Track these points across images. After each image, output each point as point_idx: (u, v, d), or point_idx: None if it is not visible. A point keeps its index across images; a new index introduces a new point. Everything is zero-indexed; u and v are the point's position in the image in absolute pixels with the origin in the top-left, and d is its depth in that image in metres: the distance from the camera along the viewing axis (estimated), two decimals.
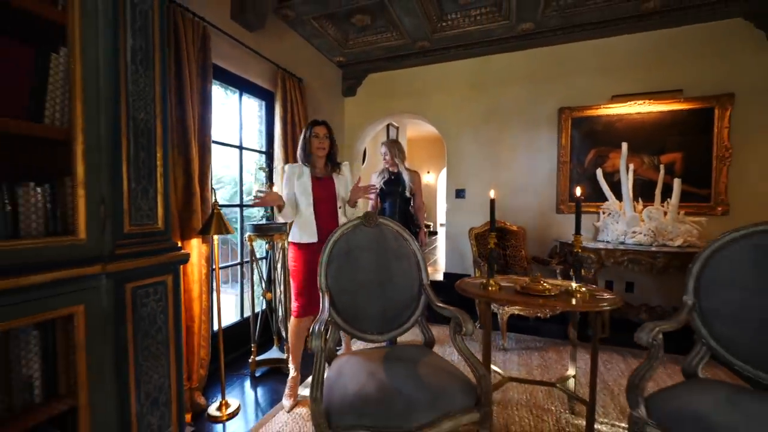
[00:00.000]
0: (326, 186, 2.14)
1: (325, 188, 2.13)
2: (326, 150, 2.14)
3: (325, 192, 2.13)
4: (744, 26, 2.89)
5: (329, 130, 2.17)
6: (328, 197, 2.13)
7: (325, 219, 2.09)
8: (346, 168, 2.27)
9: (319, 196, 2.10)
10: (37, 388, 1.21)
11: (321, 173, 2.16)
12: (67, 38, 1.24)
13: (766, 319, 1.22)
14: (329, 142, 2.16)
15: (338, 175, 2.20)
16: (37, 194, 1.23)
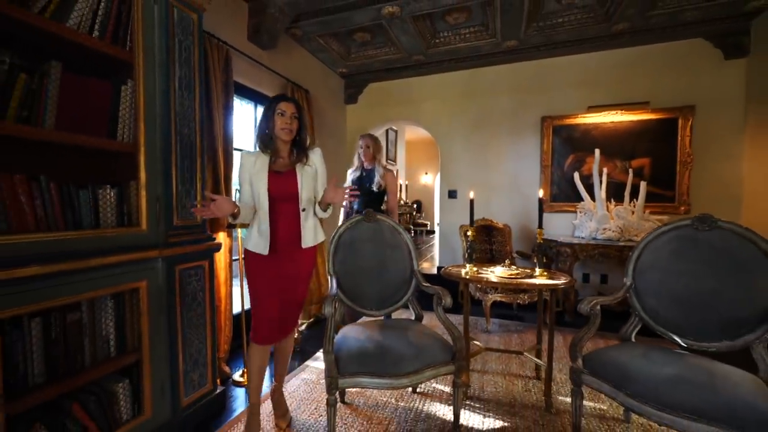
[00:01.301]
0: (287, 182, 1.68)
1: (285, 184, 1.67)
2: (293, 133, 1.69)
3: (286, 190, 1.67)
4: (704, 45, 3.24)
5: (299, 110, 1.72)
6: (289, 196, 1.68)
7: (283, 225, 1.68)
8: (316, 156, 1.77)
9: (277, 195, 1.66)
10: (113, 344, 1.56)
11: (283, 165, 1.72)
12: (133, 73, 1.60)
13: (675, 294, 1.57)
14: (298, 124, 1.71)
15: (304, 166, 1.72)
16: (112, 194, 1.58)
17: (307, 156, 1.75)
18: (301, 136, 1.76)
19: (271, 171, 1.70)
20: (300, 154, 1.74)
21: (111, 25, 1.55)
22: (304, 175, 1.72)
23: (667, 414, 1.21)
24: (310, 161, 1.75)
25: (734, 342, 1.42)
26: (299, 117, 1.73)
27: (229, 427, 1.80)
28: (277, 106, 1.68)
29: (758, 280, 1.38)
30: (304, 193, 1.70)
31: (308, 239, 1.74)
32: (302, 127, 1.75)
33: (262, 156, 1.71)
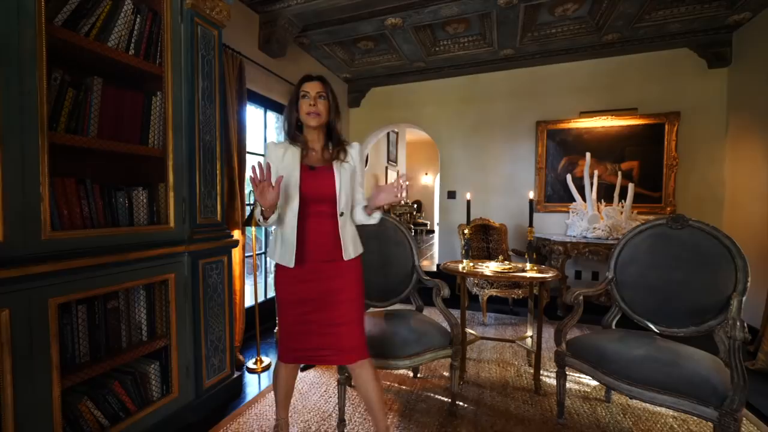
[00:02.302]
0: (323, 180, 1.41)
1: (321, 183, 1.41)
2: (321, 117, 1.41)
3: (321, 189, 1.40)
4: (689, 55, 3.42)
5: (326, 88, 1.44)
6: (324, 197, 1.41)
7: (314, 232, 1.41)
8: (354, 150, 1.50)
9: (311, 195, 1.40)
10: (144, 330, 1.74)
11: (317, 160, 1.46)
12: (163, 85, 1.78)
13: (650, 286, 1.75)
14: (327, 104, 1.43)
15: (342, 162, 1.44)
16: (143, 195, 1.75)
17: (345, 150, 1.47)
18: (332, 120, 1.46)
19: (304, 166, 1.42)
20: (337, 148, 1.46)
21: (144, 42, 1.73)
22: (342, 173, 1.42)
23: (636, 387, 1.39)
24: (348, 157, 1.47)
25: (699, 327, 1.60)
26: (328, 97, 1.43)
27: (245, 410, 1.97)
28: (301, 88, 1.43)
29: (720, 273, 1.56)
30: (342, 194, 1.41)
31: (349, 250, 1.43)
32: (333, 110, 1.46)
33: (292, 148, 1.45)
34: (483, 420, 1.82)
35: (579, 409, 1.91)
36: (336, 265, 1.44)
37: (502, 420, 1.81)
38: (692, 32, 3.27)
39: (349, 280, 1.46)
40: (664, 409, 1.89)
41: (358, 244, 1.52)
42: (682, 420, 1.82)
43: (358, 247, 1.51)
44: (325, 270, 1.43)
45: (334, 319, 1.42)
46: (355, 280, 1.48)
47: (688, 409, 1.31)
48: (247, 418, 1.87)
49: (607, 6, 2.95)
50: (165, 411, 1.75)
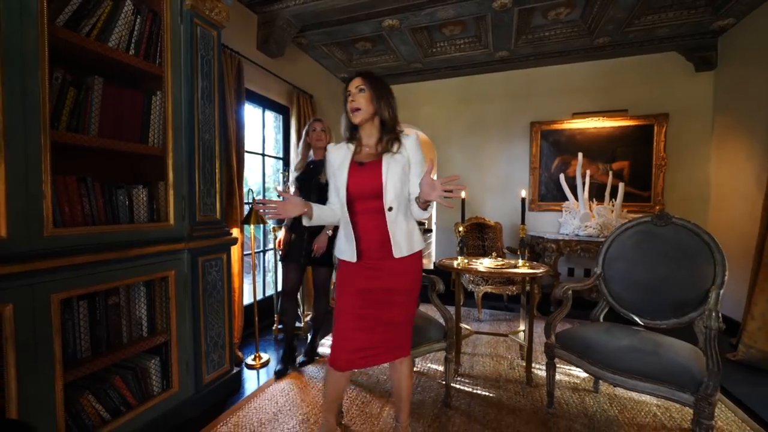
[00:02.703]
0: (370, 175, 1.38)
1: (367, 178, 1.38)
2: (363, 111, 1.38)
3: (367, 184, 1.38)
4: (677, 59, 3.52)
5: (366, 80, 1.40)
6: (371, 193, 1.37)
7: (366, 229, 1.40)
8: (410, 142, 1.41)
9: (356, 191, 1.39)
10: (145, 326, 1.77)
11: (368, 155, 1.43)
12: (162, 85, 1.81)
13: (636, 280, 1.82)
14: (369, 96, 1.38)
15: (394, 155, 1.38)
16: (143, 193, 1.78)
17: (400, 142, 1.40)
18: (383, 115, 1.40)
19: (354, 162, 1.42)
20: (389, 140, 1.39)
21: (144, 43, 1.76)
22: (391, 165, 1.36)
23: (619, 376, 1.46)
24: (402, 149, 1.39)
25: (681, 319, 1.67)
26: (373, 89, 1.38)
27: (244, 404, 2.01)
28: (348, 87, 1.43)
29: (700, 268, 1.63)
30: (390, 189, 1.35)
31: (401, 247, 1.37)
32: (377, 101, 1.38)
33: (348, 147, 1.47)
34: (476, 411, 1.87)
35: (568, 399, 1.97)
36: (389, 263, 1.39)
37: (494, 410, 1.87)
38: (680, 37, 3.36)
39: (404, 280, 1.41)
40: (648, 398, 1.97)
41: (416, 240, 1.43)
42: (665, 408, 1.89)
43: (414, 244, 1.41)
44: (380, 267, 1.40)
45: (387, 318, 1.40)
46: (411, 280, 1.43)
47: (667, 395, 1.38)
48: (246, 412, 1.91)
49: (598, 10, 3.03)
50: (165, 405, 1.79)
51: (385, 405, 1.95)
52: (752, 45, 2.96)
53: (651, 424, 1.77)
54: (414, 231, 1.44)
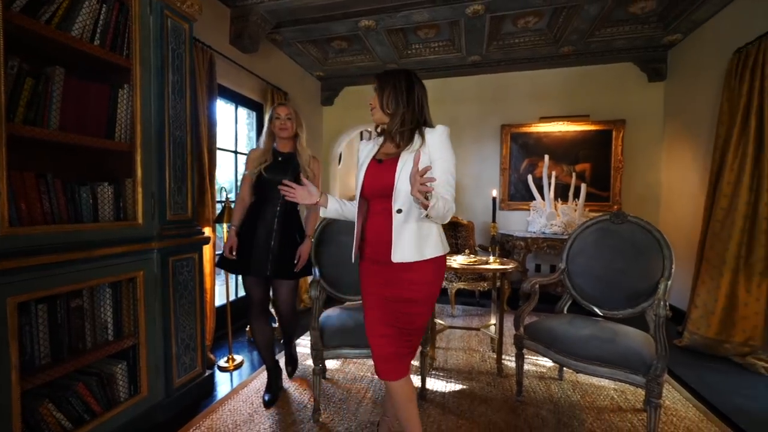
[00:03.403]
0: (384, 173, 1.29)
1: (381, 176, 1.30)
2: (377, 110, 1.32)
3: (380, 183, 1.30)
4: (633, 69, 3.79)
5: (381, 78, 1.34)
6: (382, 191, 1.29)
7: (376, 230, 1.32)
8: (434, 137, 1.27)
9: (370, 190, 1.33)
10: (110, 329, 1.70)
11: (387, 152, 1.35)
12: (130, 78, 1.74)
13: (595, 274, 1.96)
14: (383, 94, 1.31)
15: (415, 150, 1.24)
16: (109, 191, 1.71)
17: (422, 138, 1.26)
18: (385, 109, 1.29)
19: (373, 159, 1.35)
20: (403, 133, 1.28)
21: (110, 33, 1.68)
22: (407, 163, 1.23)
23: (581, 363, 1.58)
24: (424, 145, 1.25)
25: (635, 309, 1.82)
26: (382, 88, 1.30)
27: (218, 406, 1.96)
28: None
29: (652, 261, 1.78)
30: (401, 189, 1.23)
31: (403, 251, 1.24)
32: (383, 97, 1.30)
33: (377, 141, 1.41)
34: (450, 402, 1.94)
35: (536, 388, 2.09)
36: (392, 268, 1.27)
37: (467, 401, 1.95)
38: (635, 49, 3.62)
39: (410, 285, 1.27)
40: (606, 382, 2.12)
41: (431, 247, 1.26)
42: (621, 391, 2.06)
43: (426, 250, 1.25)
44: (383, 271, 1.30)
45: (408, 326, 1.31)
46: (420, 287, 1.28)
47: (623, 378, 1.50)
48: (220, 414, 1.87)
49: (563, 21, 3.20)
50: (133, 411, 1.72)
51: (361, 402, 1.98)
52: (696, 59, 3.24)
53: (609, 406, 1.92)
54: (429, 237, 1.27)
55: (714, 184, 2.71)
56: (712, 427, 1.73)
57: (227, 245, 1.98)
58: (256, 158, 1.98)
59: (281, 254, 1.94)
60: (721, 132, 2.68)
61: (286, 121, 1.98)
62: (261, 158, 1.96)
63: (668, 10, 3.05)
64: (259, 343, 2.05)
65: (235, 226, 2.01)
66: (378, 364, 1.32)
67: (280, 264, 1.93)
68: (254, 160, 1.98)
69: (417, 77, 1.38)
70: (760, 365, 2.30)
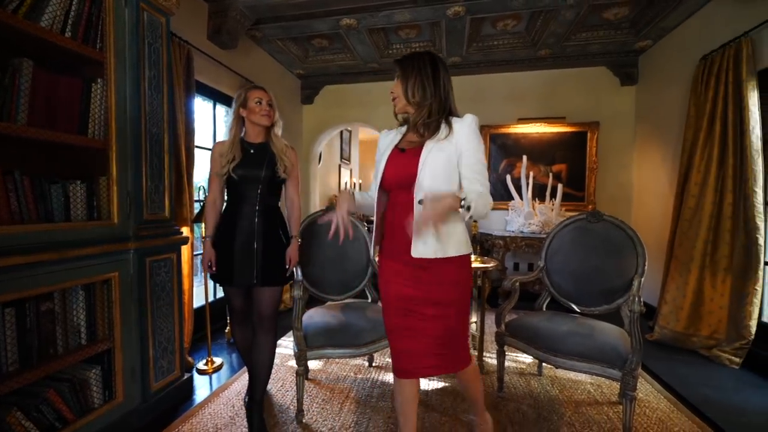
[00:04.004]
0: (407, 162, 1.22)
1: (403, 166, 1.23)
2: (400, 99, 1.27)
3: (402, 172, 1.23)
4: (606, 73, 3.93)
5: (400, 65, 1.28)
6: (405, 182, 1.21)
7: (391, 224, 1.28)
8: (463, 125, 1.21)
9: (392, 180, 1.26)
10: (83, 333, 1.63)
11: (411, 141, 1.28)
12: (104, 72, 1.68)
13: (573, 271, 2.02)
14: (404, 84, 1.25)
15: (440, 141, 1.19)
16: (82, 189, 1.64)
17: (450, 127, 1.20)
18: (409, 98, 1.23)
19: (395, 148, 1.28)
20: (428, 124, 1.21)
21: (82, 25, 1.62)
22: (433, 153, 1.17)
23: (561, 358, 1.63)
24: (451, 135, 1.19)
25: (610, 305, 1.90)
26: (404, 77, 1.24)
27: (197, 410, 1.92)
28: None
29: (626, 259, 1.86)
30: (425, 180, 1.16)
31: (425, 246, 1.17)
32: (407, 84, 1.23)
33: (399, 131, 1.35)
34: (433, 400, 1.97)
35: (516, 383, 2.14)
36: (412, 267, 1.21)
37: (450, 399, 1.98)
38: (608, 53, 3.76)
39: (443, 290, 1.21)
40: (583, 377, 2.20)
41: (454, 244, 1.19)
42: (597, 385, 2.14)
43: (447, 247, 1.17)
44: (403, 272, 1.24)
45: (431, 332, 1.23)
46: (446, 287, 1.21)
47: (600, 372, 1.56)
48: (200, 419, 1.83)
49: (541, 25, 3.29)
50: (108, 417, 1.66)
51: (345, 402, 1.97)
52: (665, 65, 3.40)
53: (586, 399, 1.99)
54: (454, 234, 1.21)
55: (682, 184, 2.85)
56: (681, 417, 1.83)
57: (205, 259, 1.76)
58: (224, 154, 1.70)
59: (268, 259, 1.71)
60: (688, 135, 2.83)
61: (269, 108, 1.74)
62: (228, 155, 1.68)
63: (639, 17, 3.19)
64: (242, 349, 1.91)
65: (209, 236, 1.76)
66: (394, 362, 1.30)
67: (267, 270, 1.71)
68: (221, 157, 1.70)
69: (441, 60, 1.29)
70: (724, 357, 2.44)
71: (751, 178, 2.39)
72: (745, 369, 2.35)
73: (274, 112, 1.77)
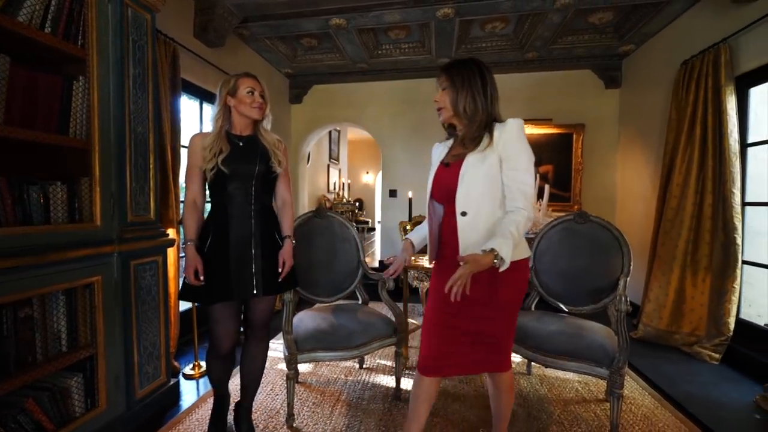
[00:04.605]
0: (449, 176, 1.25)
1: (446, 179, 1.26)
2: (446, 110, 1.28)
3: (444, 186, 1.26)
4: (591, 76, 4.02)
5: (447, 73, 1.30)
6: (447, 196, 1.25)
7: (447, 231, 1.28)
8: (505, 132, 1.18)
9: (436, 194, 1.30)
10: (64, 340, 1.58)
11: (456, 154, 1.29)
12: (87, 69, 1.63)
13: (560, 271, 2.05)
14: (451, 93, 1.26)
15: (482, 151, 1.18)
16: (63, 191, 1.59)
17: (490, 137, 1.18)
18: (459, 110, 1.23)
19: (441, 163, 1.32)
20: (472, 138, 1.21)
21: (63, 21, 1.56)
22: (472, 165, 1.18)
23: (550, 358, 1.65)
24: (492, 143, 1.17)
25: (597, 305, 1.93)
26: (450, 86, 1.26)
27: (184, 417, 1.88)
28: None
29: (612, 259, 1.90)
30: (463, 192, 1.19)
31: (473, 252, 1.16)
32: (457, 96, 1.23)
33: (446, 144, 1.39)
34: None
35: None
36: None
37: (441, 399, 1.99)
38: (593, 57, 3.85)
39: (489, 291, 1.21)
40: (571, 375, 2.24)
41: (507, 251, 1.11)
42: (584, 383, 2.18)
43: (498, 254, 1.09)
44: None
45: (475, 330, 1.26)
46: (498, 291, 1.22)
47: (588, 371, 1.59)
48: (188, 425, 1.79)
49: (528, 28, 3.34)
50: (91, 426, 1.61)
51: (335, 405, 1.96)
52: (648, 68, 3.49)
53: (575, 398, 2.03)
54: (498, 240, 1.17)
55: (664, 186, 2.93)
56: (666, 413, 1.88)
57: (190, 267, 1.46)
58: (208, 147, 1.50)
59: (268, 265, 1.54)
60: (670, 138, 2.91)
61: (261, 99, 1.56)
62: (214, 147, 1.49)
63: (623, 22, 3.26)
64: (218, 381, 1.65)
65: (192, 240, 1.50)
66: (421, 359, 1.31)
67: (268, 277, 1.54)
68: (204, 151, 1.50)
69: (487, 67, 1.29)
70: (704, 353, 2.51)
71: (729, 180, 2.47)
72: (724, 365, 2.43)
73: (266, 105, 1.60)
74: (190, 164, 1.58)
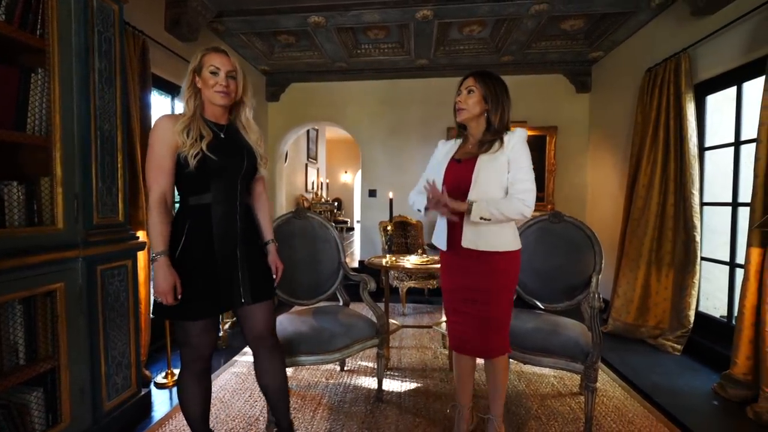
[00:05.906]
0: (463, 173, 1.38)
1: (460, 176, 1.39)
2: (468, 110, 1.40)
3: (458, 183, 1.38)
4: (563, 80, 4.17)
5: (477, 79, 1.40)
6: (461, 191, 1.36)
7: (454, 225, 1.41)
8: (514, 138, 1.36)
9: (450, 189, 1.35)
10: (21, 352, 1.47)
11: (466, 152, 1.44)
12: (46, 61, 1.52)
13: (536, 270, 2.11)
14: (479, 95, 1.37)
15: (494, 153, 1.35)
16: (20, 191, 1.48)
17: (500, 140, 1.35)
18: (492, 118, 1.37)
19: (453, 159, 1.45)
20: (487, 142, 1.37)
21: (19, 8, 1.45)
22: (485, 165, 1.34)
23: (528, 354, 1.70)
24: (501, 148, 1.34)
25: (571, 302, 2.01)
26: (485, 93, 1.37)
27: (156, 428, 1.80)
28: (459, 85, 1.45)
29: (585, 257, 1.98)
30: (478, 188, 1.33)
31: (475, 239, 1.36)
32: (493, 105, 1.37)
33: (456, 142, 1.53)
34: (407, 401, 1.98)
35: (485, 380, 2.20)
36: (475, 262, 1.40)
37: (423, 398, 2.00)
38: (565, 62, 3.99)
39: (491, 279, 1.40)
40: (547, 371, 2.31)
41: (503, 242, 1.38)
42: (559, 378, 2.26)
43: (493, 241, 1.36)
44: (468, 265, 1.43)
45: (482, 315, 1.43)
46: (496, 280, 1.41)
47: (564, 366, 1.65)
48: None
49: (504, 32, 3.42)
50: None
51: (317, 409, 1.93)
52: (615, 74, 3.66)
53: (551, 392, 2.09)
54: (503, 232, 1.39)
55: (631, 186, 3.08)
56: (635, 404, 1.97)
57: (166, 285, 1.21)
58: (183, 130, 1.23)
59: (254, 269, 1.39)
60: (636, 141, 3.06)
61: (228, 80, 1.29)
62: (193, 131, 1.23)
63: (592, 30, 3.40)
64: (193, 413, 1.41)
65: (161, 251, 1.22)
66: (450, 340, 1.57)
67: (256, 283, 1.39)
68: (179, 135, 1.22)
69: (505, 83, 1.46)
70: (668, 345, 2.66)
71: (689, 182, 2.63)
72: (685, 355, 2.59)
73: (237, 88, 1.34)
74: (157, 152, 1.25)
